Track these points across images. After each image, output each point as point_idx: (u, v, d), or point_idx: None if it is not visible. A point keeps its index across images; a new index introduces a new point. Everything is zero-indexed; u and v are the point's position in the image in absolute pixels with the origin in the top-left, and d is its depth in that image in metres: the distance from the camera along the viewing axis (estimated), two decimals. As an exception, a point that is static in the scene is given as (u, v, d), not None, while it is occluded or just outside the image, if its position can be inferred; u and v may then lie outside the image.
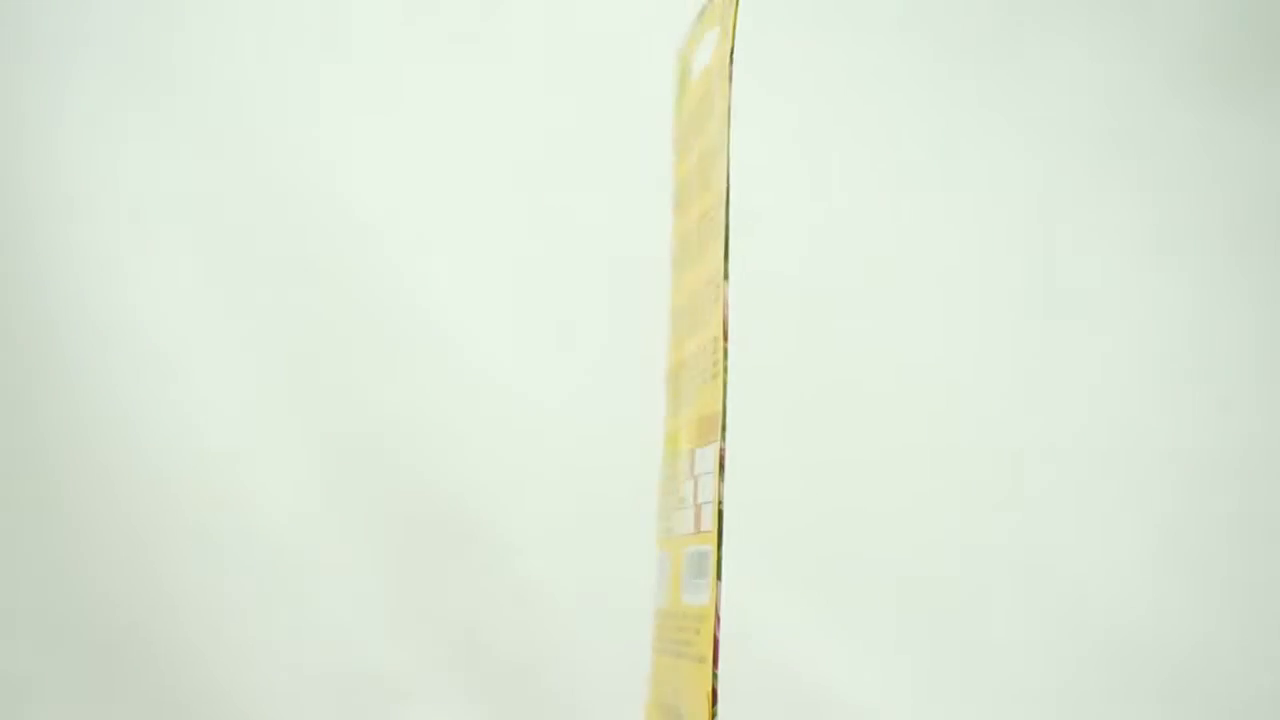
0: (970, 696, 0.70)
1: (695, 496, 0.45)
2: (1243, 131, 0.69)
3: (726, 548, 0.42)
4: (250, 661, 0.72)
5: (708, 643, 0.42)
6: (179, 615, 0.72)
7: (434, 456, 0.73)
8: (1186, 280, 0.70)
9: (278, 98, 0.75)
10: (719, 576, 0.42)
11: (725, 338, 0.43)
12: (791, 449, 0.71)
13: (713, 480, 0.43)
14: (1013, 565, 0.72)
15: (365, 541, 0.72)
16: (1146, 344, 0.70)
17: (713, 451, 0.44)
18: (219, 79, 0.74)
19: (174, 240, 0.73)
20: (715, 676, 0.42)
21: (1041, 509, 0.72)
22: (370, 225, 0.74)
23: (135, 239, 0.73)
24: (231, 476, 0.73)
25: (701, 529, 0.44)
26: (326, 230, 0.74)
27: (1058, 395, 0.73)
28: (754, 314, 0.51)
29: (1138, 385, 0.70)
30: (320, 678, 0.72)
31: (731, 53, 0.44)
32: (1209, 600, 0.69)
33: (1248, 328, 0.69)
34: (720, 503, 0.42)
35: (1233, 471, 0.69)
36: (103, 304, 0.72)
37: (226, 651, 0.72)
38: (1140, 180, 0.70)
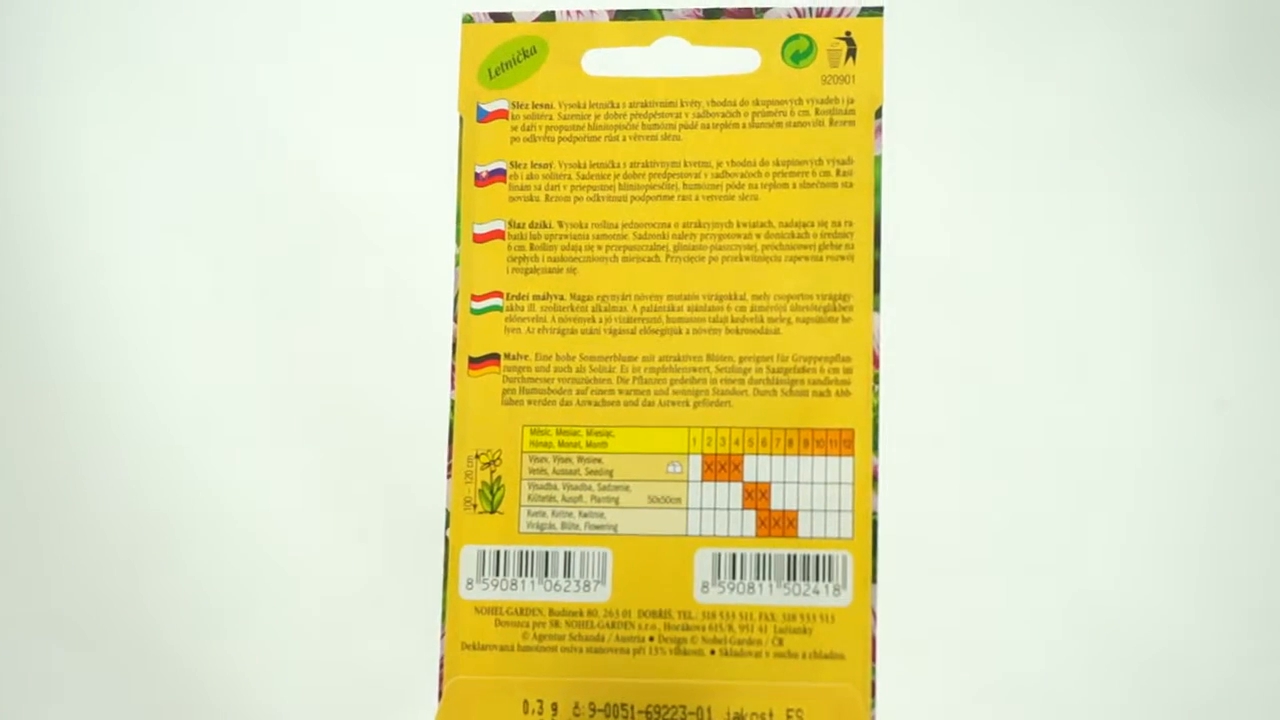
0: (967, 695, 0.70)
1: (740, 501, 0.48)
2: (1233, 137, 0.70)
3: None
4: (252, 662, 0.70)
5: (839, 641, 0.47)
6: (180, 615, 0.70)
7: (436, 454, 0.61)
8: (1180, 280, 0.70)
9: (282, 97, 0.73)
10: (874, 579, 0.47)
11: (874, 363, 0.48)
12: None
13: (846, 489, 0.47)
14: (1009, 564, 0.72)
15: (367, 540, 0.70)
16: (1142, 343, 0.71)
17: (830, 463, 0.48)
18: (221, 78, 0.73)
19: (177, 239, 0.73)
20: (875, 671, 0.46)
21: (1038, 508, 0.73)
22: (377, 224, 0.71)
23: (139, 238, 0.73)
24: (234, 475, 0.71)
25: (803, 535, 0.47)
26: (332, 230, 0.72)
27: (1054, 395, 0.73)
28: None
29: (1133, 384, 0.71)
30: (321, 676, 0.70)
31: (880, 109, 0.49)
32: (1207, 598, 0.70)
33: (1243, 326, 0.70)
34: (875, 512, 0.47)
35: (1229, 468, 0.70)
36: (107, 302, 0.72)
37: (229, 651, 0.70)
38: (1133, 184, 0.71)
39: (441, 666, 0.48)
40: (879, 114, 0.48)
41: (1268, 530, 0.68)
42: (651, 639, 0.47)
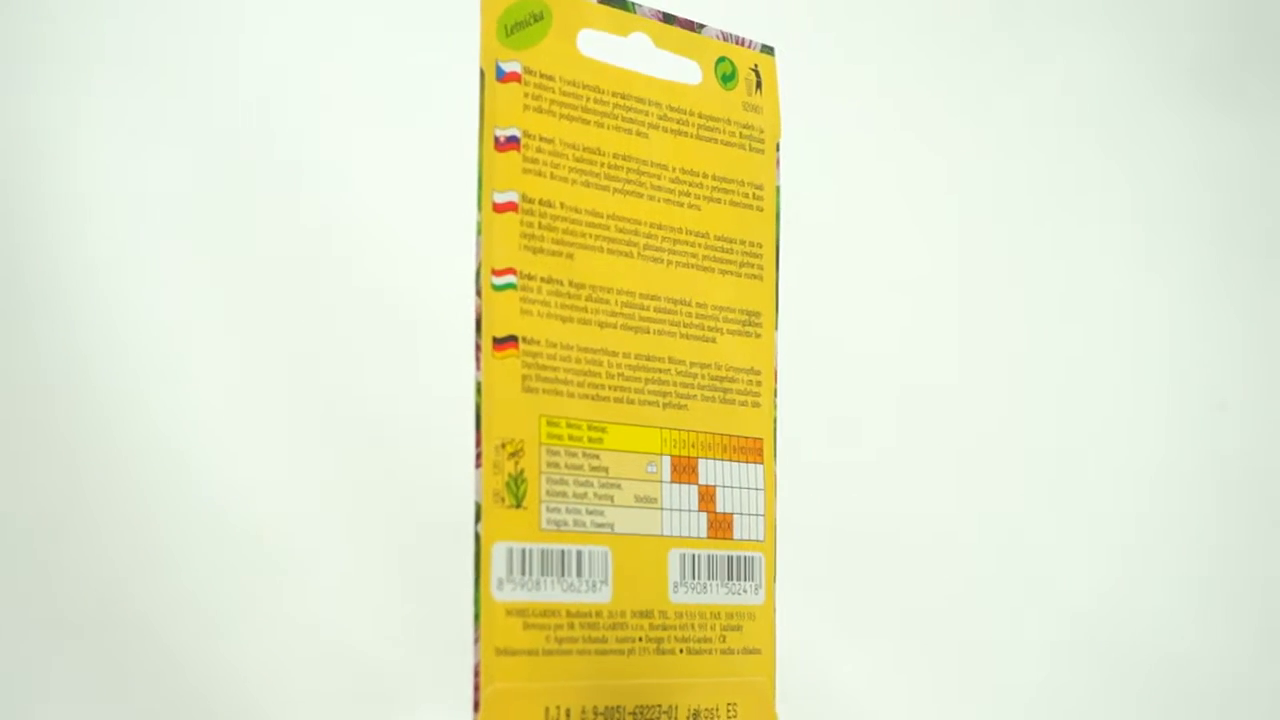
0: (966, 696, 0.71)
1: (697, 503, 0.50)
2: (1231, 136, 0.61)
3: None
4: (253, 662, 0.68)
5: (758, 638, 0.51)
6: (181, 613, 0.68)
7: (436, 454, 0.68)
8: (1179, 281, 0.68)
9: (284, 98, 0.74)
10: (774, 578, 0.52)
11: (775, 377, 0.52)
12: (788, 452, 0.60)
13: (761, 495, 0.52)
14: (1009, 564, 0.72)
15: (368, 539, 0.70)
16: (1140, 344, 0.70)
17: (750, 470, 0.52)
18: (225, 80, 0.74)
19: (179, 239, 0.73)
20: (774, 664, 0.51)
21: (1037, 508, 0.73)
22: (375, 225, 0.73)
23: (141, 238, 0.73)
24: (235, 474, 0.71)
25: (736, 537, 0.51)
26: (332, 230, 0.73)
27: (1053, 396, 0.72)
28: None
29: (1132, 385, 0.69)
30: (322, 677, 0.69)
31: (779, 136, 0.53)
32: (1205, 598, 0.70)
33: (1240, 327, 0.65)
34: (774, 516, 0.52)
35: (1228, 469, 0.69)
36: (110, 302, 0.71)
37: (229, 651, 0.68)
38: (1132, 184, 0.69)
39: (477, 674, 0.44)
40: (778, 146, 0.52)
41: (1262, 529, 0.76)
42: (640, 639, 0.47)
